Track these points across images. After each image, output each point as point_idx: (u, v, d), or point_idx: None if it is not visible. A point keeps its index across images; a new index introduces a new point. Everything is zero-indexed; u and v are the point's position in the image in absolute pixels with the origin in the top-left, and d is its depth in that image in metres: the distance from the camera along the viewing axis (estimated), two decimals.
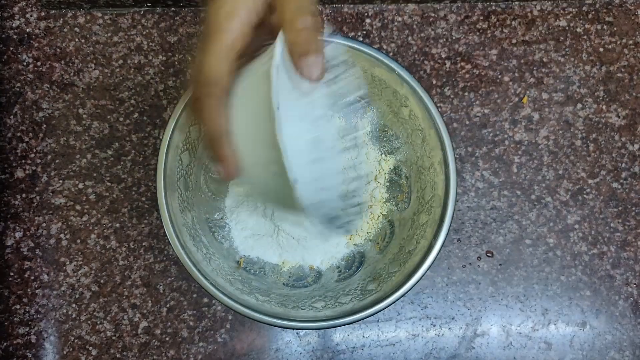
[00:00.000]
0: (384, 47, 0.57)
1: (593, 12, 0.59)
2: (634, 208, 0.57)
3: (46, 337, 0.55)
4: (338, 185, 0.46)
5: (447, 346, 0.56)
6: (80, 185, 0.56)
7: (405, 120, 0.51)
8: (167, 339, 0.55)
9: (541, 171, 0.57)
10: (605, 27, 0.58)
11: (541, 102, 0.58)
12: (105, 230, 0.55)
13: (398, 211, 0.53)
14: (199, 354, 0.55)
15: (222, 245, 0.52)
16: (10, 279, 0.55)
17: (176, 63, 0.57)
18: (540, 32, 0.58)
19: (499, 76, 0.58)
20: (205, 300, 0.55)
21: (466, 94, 0.57)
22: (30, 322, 0.55)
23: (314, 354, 0.55)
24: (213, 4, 0.34)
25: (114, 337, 0.55)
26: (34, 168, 0.56)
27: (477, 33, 0.58)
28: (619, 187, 0.58)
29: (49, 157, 0.56)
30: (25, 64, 0.56)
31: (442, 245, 0.47)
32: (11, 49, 0.56)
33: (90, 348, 0.55)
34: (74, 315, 0.55)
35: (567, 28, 0.58)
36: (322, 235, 0.52)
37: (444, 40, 0.58)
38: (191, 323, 0.55)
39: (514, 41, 0.58)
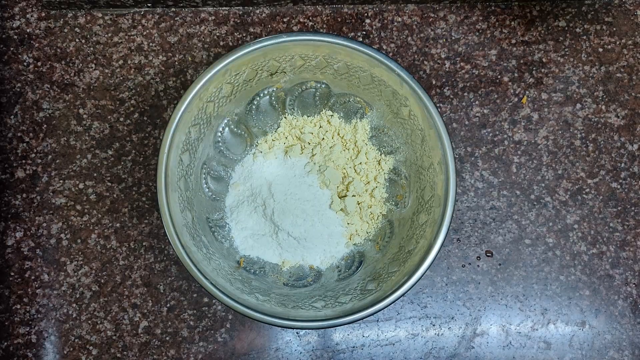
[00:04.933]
0: (384, 47, 0.58)
1: (592, 13, 0.59)
2: (633, 208, 0.57)
3: (47, 337, 0.55)
4: None
5: (447, 346, 0.56)
6: (81, 185, 0.56)
7: (404, 120, 0.51)
8: (168, 338, 0.55)
9: (540, 171, 0.57)
10: (604, 27, 0.59)
11: (540, 102, 0.58)
12: (105, 230, 0.55)
13: (398, 211, 0.53)
14: (199, 354, 0.55)
15: (222, 245, 0.52)
16: (10, 278, 0.55)
17: (176, 63, 0.57)
18: (539, 32, 0.58)
19: (499, 76, 0.58)
20: (206, 299, 0.55)
21: (465, 94, 0.58)
22: (30, 322, 0.55)
23: (313, 353, 0.55)
24: None
25: (114, 337, 0.55)
26: (34, 168, 0.56)
27: (477, 33, 0.58)
28: (618, 187, 0.58)
29: (50, 157, 0.56)
30: (25, 64, 0.56)
31: (442, 245, 0.47)
32: (12, 49, 0.57)
33: (91, 348, 0.55)
34: (74, 315, 0.55)
35: (566, 28, 0.58)
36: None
37: (444, 40, 0.58)
38: (191, 322, 0.55)
39: (513, 41, 0.58)
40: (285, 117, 0.55)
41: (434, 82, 0.58)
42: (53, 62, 0.57)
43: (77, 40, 0.57)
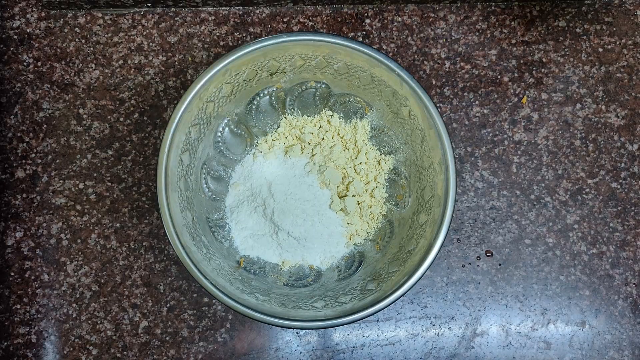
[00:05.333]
0: (384, 47, 0.58)
1: (592, 13, 0.59)
2: (633, 208, 0.57)
3: (47, 337, 0.55)
4: None
5: (447, 345, 0.56)
6: (81, 185, 0.56)
7: (404, 120, 0.51)
8: (168, 338, 0.55)
9: (540, 171, 0.57)
10: (604, 27, 0.59)
11: (540, 102, 0.58)
12: (105, 230, 0.55)
13: (398, 211, 0.53)
14: (199, 354, 0.55)
15: (222, 245, 0.52)
16: (10, 278, 0.55)
17: (176, 63, 0.57)
18: (539, 32, 0.58)
19: (499, 76, 0.58)
20: (206, 299, 0.55)
21: (465, 94, 0.58)
22: (30, 322, 0.55)
23: (313, 353, 0.55)
24: None
25: (114, 337, 0.55)
26: (34, 168, 0.56)
27: (477, 33, 0.58)
28: (618, 187, 0.58)
29: (50, 157, 0.56)
30: (25, 64, 0.56)
31: (442, 245, 0.47)
32: (12, 49, 0.57)
33: (91, 348, 0.55)
34: (74, 315, 0.55)
35: (566, 28, 0.58)
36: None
37: (444, 40, 0.58)
38: (191, 322, 0.55)
39: (513, 41, 0.58)
40: (285, 117, 0.55)
41: (434, 82, 0.58)
42: (53, 62, 0.57)
43: (77, 40, 0.57)
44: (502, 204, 0.57)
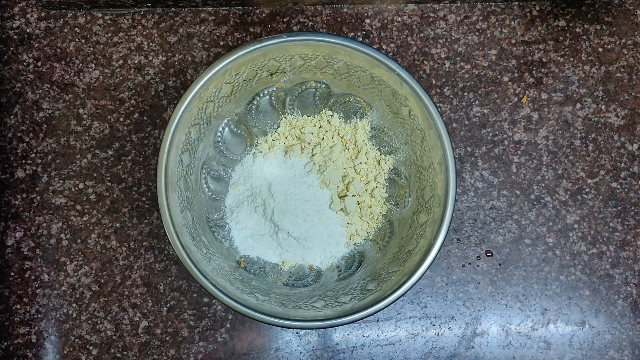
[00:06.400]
0: (384, 47, 0.58)
1: (592, 12, 0.59)
2: (633, 208, 0.57)
3: (47, 337, 0.55)
4: None
5: (447, 345, 0.56)
6: (81, 185, 0.56)
7: (404, 120, 0.51)
8: (168, 338, 0.55)
9: (540, 171, 0.57)
10: (604, 27, 0.59)
11: (540, 102, 0.58)
12: (105, 230, 0.55)
13: (398, 211, 0.53)
14: (199, 354, 0.55)
15: (222, 245, 0.52)
16: (10, 278, 0.55)
17: (176, 63, 0.57)
18: (539, 32, 0.58)
19: (498, 76, 0.58)
20: (206, 299, 0.55)
21: (465, 94, 0.58)
22: (30, 322, 0.55)
23: (313, 353, 0.55)
24: None
25: (114, 337, 0.55)
26: (34, 168, 0.56)
27: (477, 33, 0.58)
28: (618, 186, 0.58)
29: (50, 157, 0.56)
30: (25, 64, 0.56)
31: (442, 245, 0.47)
32: (12, 49, 0.57)
33: (91, 348, 0.55)
34: (74, 315, 0.55)
35: (566, 28, 0.58)
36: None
37: (444, 40, 0.58)
38: (191, 322, 0.55)
39: (513, 41, 0.58)
40: (285, 117, 0.55)
41: (434, 82, 0.58)
42: (53, 62, 0.57)
43: (77, 40, 0.57)
44: (502, 204, 0.57)
